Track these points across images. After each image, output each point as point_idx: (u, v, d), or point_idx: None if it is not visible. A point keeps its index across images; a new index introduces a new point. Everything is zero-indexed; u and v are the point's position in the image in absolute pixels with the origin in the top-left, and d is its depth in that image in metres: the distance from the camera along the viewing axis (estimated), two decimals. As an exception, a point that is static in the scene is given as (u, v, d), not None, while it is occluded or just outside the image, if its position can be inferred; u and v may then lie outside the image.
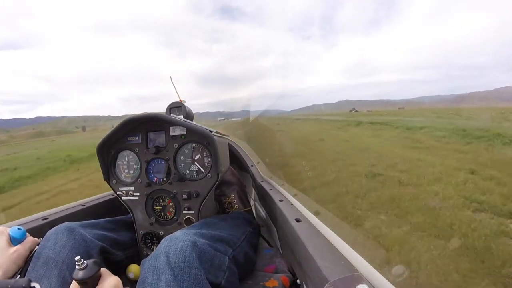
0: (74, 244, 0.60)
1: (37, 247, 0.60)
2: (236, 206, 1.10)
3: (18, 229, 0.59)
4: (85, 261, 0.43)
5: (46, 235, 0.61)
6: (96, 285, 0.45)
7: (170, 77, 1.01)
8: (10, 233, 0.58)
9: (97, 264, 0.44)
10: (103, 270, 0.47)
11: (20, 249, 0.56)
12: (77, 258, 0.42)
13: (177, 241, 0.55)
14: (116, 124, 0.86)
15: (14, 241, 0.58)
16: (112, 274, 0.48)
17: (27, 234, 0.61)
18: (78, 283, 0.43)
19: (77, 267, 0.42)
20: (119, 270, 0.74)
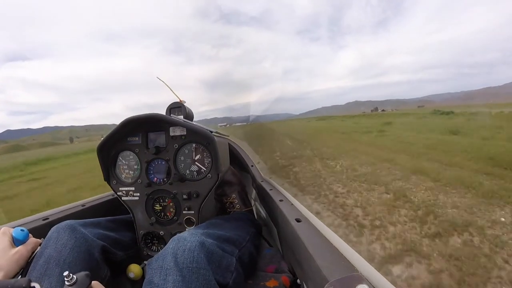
0: (75, 243, 0.60)
1: (39, 248, 0.60)
2: (237, 206, 1.10)
3: (21, 230, 0.59)
4: (74, 276, 0.41)
5: (48, 234, 0.61)
6: None
7: (158, 77, 0.97)
8: (13, 234, 0.58)
9: (88, 277, 0.43)
10: (95, 283, 0.46)
11: (22, 250, 0.56)
12: (66, 273, 0.40)
13: (185, 242, 0.54)
14: None
15: (16, 242, 0.58)
16: None
17: (30, 235, 0.61)
18: None
19: (66, 283, 0.40)
20: (119, 270, 0.74)
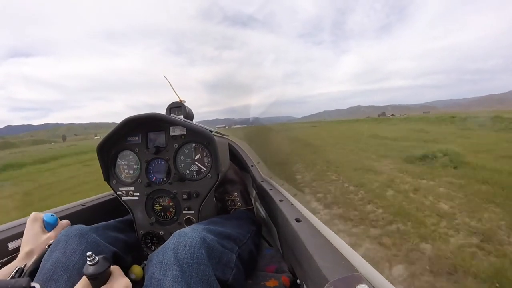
0: (86, 248, 0.58)
1: (46, 249, 0.60)
2: (238, 204, 1.10)
3: (52, 215, 0.68)
4: (96, 257, 0.43)
5: (56, 238, 0.60)
6: (106, 282, 0.45)
7: (164, 76, 1.00)
8: (44, 219, 0.66)
9: (107, 260, 0.45)
10: (114, 268, 0.47)
11: (52, 236, 0.63)
12: (89, 253, 0.42)
13: (186, 237, 0.54)
14: None
15: (48, 226, 0.65)
16: (123, 275, 0.48)
17: (59, 219, 0.70)
18: (88, 278, 0.43)
19: (88, 262, 0.42)
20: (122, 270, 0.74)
